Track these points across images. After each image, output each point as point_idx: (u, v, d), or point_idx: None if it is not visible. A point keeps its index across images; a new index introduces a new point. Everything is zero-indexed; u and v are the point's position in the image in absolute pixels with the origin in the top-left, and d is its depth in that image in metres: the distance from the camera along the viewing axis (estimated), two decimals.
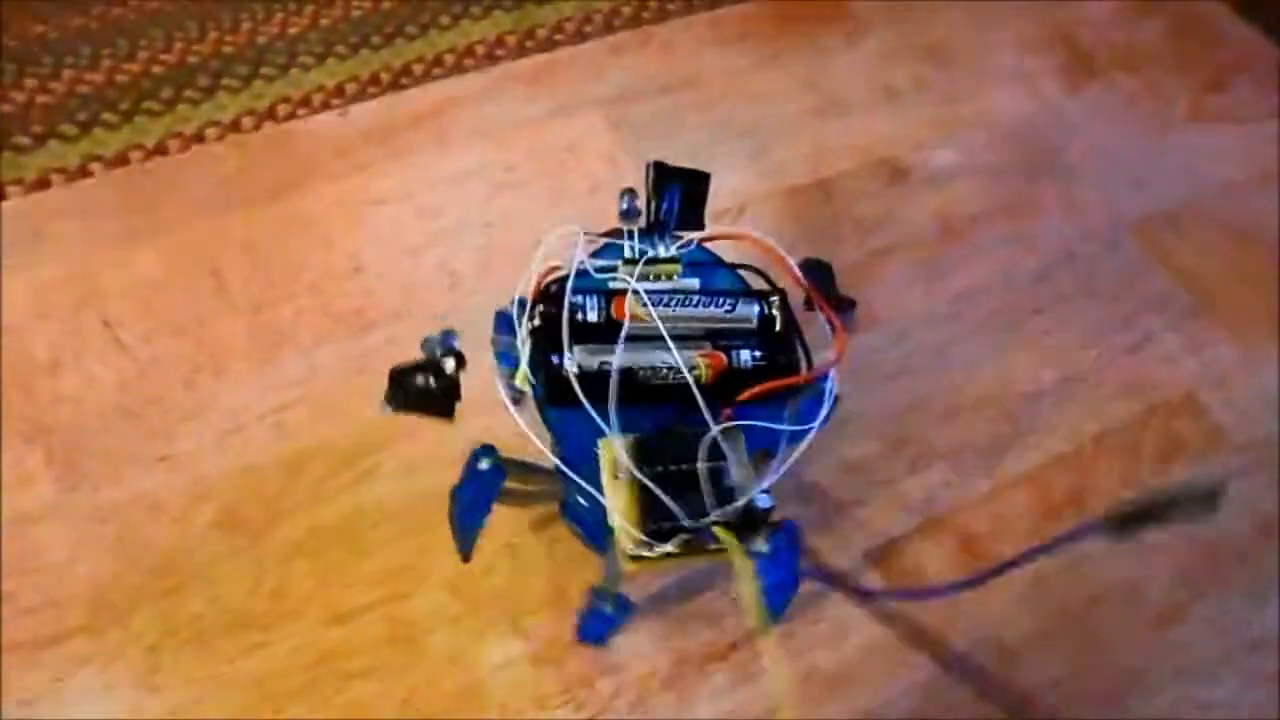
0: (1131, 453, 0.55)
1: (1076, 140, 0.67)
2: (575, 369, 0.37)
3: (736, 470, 0.36)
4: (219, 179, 0.61)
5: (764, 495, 0.35)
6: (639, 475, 0.35)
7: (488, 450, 0.40)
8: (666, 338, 0.38)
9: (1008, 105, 0.69)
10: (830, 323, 0.40)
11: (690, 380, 0.37)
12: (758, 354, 0.39)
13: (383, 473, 0.51)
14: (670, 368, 0.37)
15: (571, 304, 0.38)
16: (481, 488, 0.40)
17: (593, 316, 0.38)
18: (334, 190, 0.60)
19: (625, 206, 0.40)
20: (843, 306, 0.42)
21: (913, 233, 0.62)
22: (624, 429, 0.36)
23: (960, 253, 0.61)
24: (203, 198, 0.60)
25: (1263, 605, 0.51)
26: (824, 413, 0.39)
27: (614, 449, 0.36)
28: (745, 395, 0.38)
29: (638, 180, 0.40)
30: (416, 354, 0.38)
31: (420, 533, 0.49)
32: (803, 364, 0.40)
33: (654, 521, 0.35)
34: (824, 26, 0.72)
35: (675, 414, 0.37)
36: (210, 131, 1.12)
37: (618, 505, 0.35)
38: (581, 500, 0.40)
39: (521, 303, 0.39)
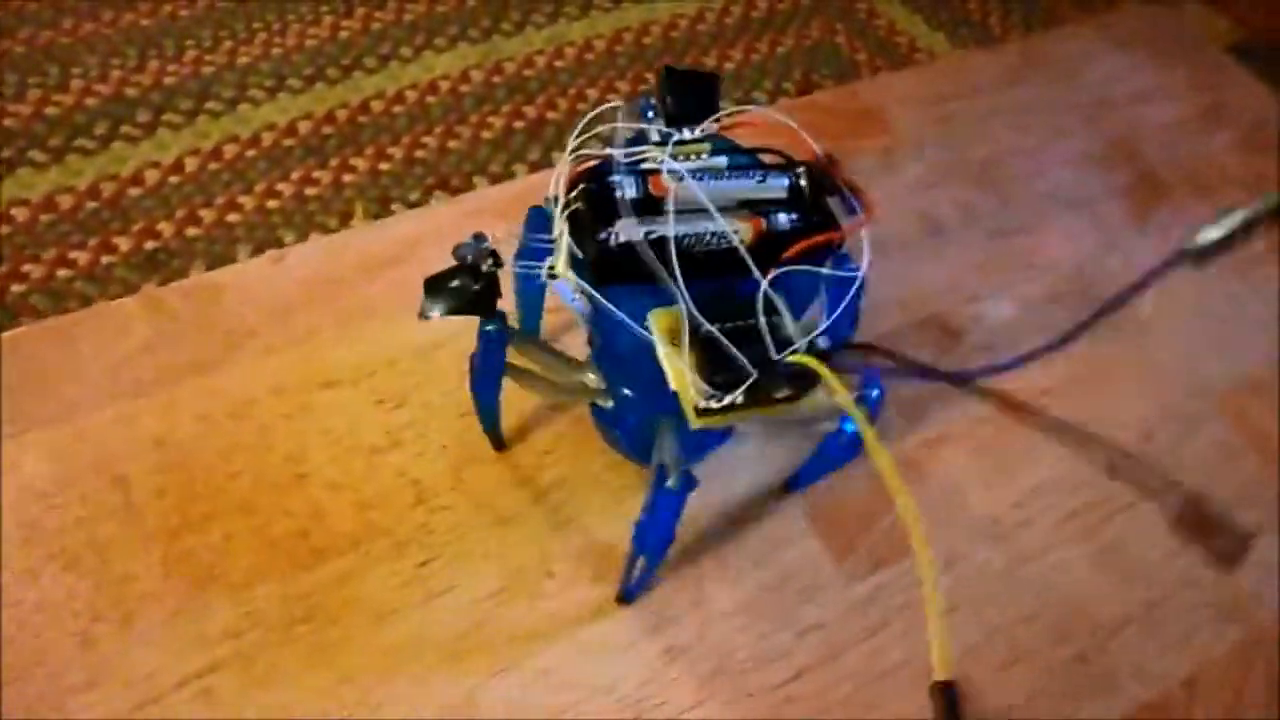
0: (1233, 701, 0.45)
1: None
2: (629, 237, 0.37)
3: (791, 323, 0.37)
4: (127, 351, 0.47)
5: (823, 337, 0.36)
6: (707, 326, 0.36)
7: (496, 317, 0.40)
8: (708, 204, 0.38)
9: (1068, 240, 0.58)
10: (855, 193, 0.41)
11: (735, 242, 0.38)
12: (794, 216, 0.40)
13: None
14: (713, 234, 0.38)
15: (609, 184, 0.38)
16: (488, 351, 0.41)
17: (631, 193, 0.39)
18: (270, 368, 0.47)
19: (640, 108, 0.42)
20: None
21: (968, 416, 0.51)
22: (672, 301, 0.36)
23: (1024, 440, 0.50)
24: (107, 377, 0.46)
25: None
26: (864, 263, 0.40)
27: (671, 317, 0.36)
28: (791, 251, 0.38)
29: None
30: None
31: None
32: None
33: (719, 374, 0.35)
34: (857, 142, 0.60)
35: (721, 283, 0.37)
36: (149, 174, 1.01)
37: (679, 367, 0.36)
38: (627, 391, 0.41)
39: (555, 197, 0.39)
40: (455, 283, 0.38)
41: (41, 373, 0.47)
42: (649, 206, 0.39)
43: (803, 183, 0.41)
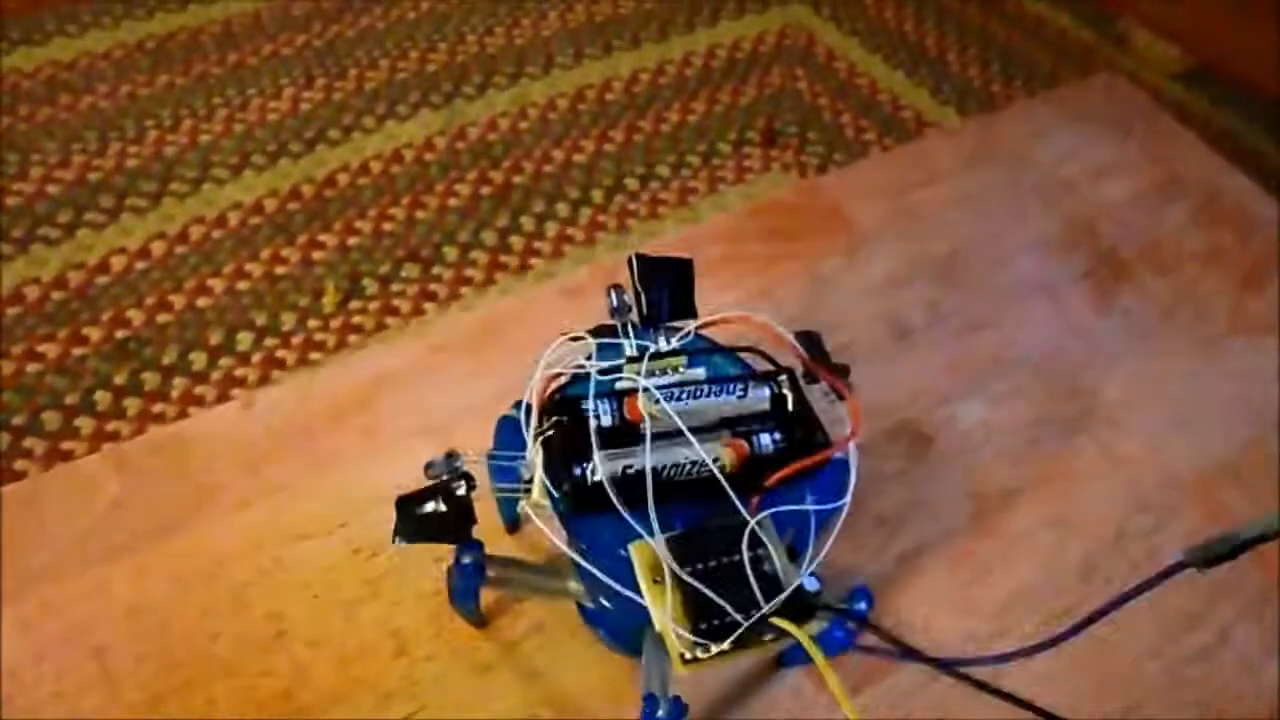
0: None
1: (1113, 374, 0.56)
2: (604, 474, 0.35)
3: (778, 558, 0.35)
4: (95, 514, 0.46)
5: (811, 578, 0.35)
6: (684, 577, 0.34)
7: (471, 548, 0.39)
8: (686, 433, 0.36)
9: (1034, 331, 0.58)
10: (839, 393, 0.40)
11: (717, 473, 0.36)
12: (777, 436, 0.38)
13: None
14: (693, 462, 0.36)
15: (583, 411, 0.37)
16: (466, 579, 0.40)
17: (606, 421, 0.37)
18: (242, 522, 0.46)
19: (615, 303, 0.41)
20: (839, 374, 0.41)
21: (942, 525, 0.50)
22: (653, 531, 0.35)
23: (998, 546, 0.49)
24: (76, 543, 0.45)
25: None
26: (851, 486, 0.38)
27: (653, 552, 0.35)
28: (774, 479, 0.37)
29: None
30: None
31: None
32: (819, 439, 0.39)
33: (704, 620, 0.34)
34: (819, 242, 0.60)
35: (702, 509, 0.36)
36: (116, 260, 1.00)
37: (663, 609, 0.34)
38: (606, 604, 0.39)
39: (527, 409, 0.38)
40: (429, 508, 0.37)
41: (7, 542, 0.46)
42: (625, 433, 0.37)
43: (785, 391, 0.40)
